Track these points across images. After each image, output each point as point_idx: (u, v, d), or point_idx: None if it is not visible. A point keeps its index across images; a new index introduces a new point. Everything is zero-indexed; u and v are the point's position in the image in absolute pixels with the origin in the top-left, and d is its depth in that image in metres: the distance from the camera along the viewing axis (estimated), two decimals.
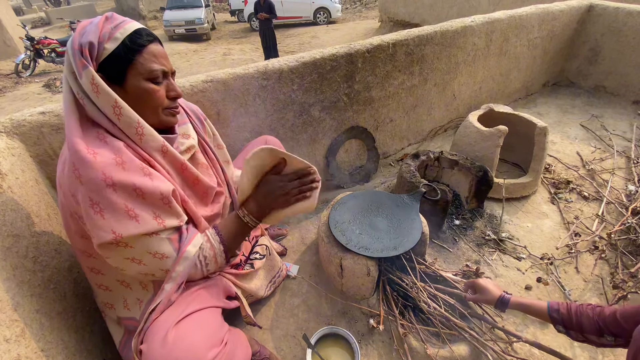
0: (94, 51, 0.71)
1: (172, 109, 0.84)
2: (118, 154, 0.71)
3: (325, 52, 1.61)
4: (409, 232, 1.29)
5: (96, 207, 0.69)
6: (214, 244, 0.88)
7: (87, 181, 0.68)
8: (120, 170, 0.70)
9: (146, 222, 0.73)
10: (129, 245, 0.73)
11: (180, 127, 0.93)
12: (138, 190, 0.72)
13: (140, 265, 0.77)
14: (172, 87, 0.82)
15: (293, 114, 1.64)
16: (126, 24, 0.75)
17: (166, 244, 0.78)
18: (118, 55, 0.73)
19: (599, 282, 1.38)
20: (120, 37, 0.73)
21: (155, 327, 0.73)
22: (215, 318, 0.83)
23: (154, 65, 0.77)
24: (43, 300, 0.85)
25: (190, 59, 8.68)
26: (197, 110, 1.06)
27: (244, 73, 1.40)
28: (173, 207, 0.78)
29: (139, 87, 0.76)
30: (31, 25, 12.63)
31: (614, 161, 2.03)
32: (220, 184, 1.03)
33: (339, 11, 12.07)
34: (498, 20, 2.24)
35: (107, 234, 0.69)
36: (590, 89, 2.94)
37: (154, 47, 0.78)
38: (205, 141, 1.01)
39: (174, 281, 0.80)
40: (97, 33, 0.71)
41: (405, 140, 2.29)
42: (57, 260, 0.98)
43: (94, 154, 0.69)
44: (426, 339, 1.18)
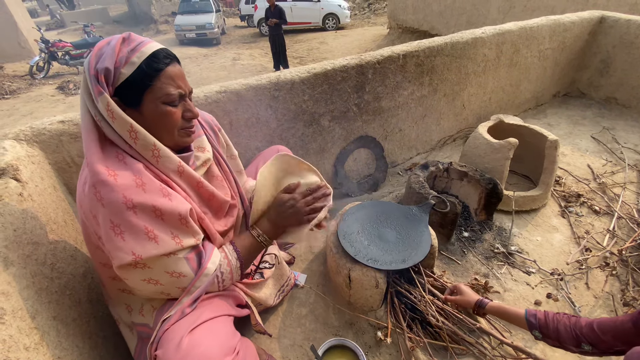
0: (110, 77, 0.71)
1: (187, 129, 0.84)
2: (138, 175, 0.73)
3: (336, 63, 1.63)
4: (418, 244, 1.29)
5: (117, 229, 0.71)
6: (231, 261, 0.89)
7: (108, 203, 0.69)
8: (141, 192, 0.72)
9: (165, 243, 0.75)
10: (147, 266, 0.75)
11: (195, 141, 0.94)
12: (157, 212, 0.73)
13: (157, 286, 0.79)
14: (189, 108, 0.82)
15: (303, 124, 1.66)
16: (144, 46, 0.74)
17: (183, 264, 0.79)
18: (135, 80, 0.73)
19: (609, 299, 1.37)
20: (137, 61, 0.73)
21: (171, 334, 0.75)
22: (228, 326, 0.84)
23: (171, 89, 0.76)
24: (60, 307, 0.88)
25: (200, 63, 8.81)
26: (212, 121, 1.06)
27: (256, 84, 1.42)
28: (190, 226, 0.79)
29: (155, 110, 0.76)
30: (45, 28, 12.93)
31: (625, 175, 2.01)
32: (234, 196, 1.04)
33: (348, 17, 12.16)
34: (509, 31, 2.24)
35: (127, 256, 0.71)
36: (602, 100, 2.92)
37: (171, 69, 0.77)
38: (220, 153, 1.02)
39: (190, 294, 0.81)
40: (114, 58, 0.71)
41: (413, 149, 2.29)
42: (72, 267, 1.00)
43: (114, 176, 0.70)
44: (434, 353, 1.17)
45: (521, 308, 1.00)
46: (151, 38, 0.81)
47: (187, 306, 0.80)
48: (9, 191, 0.87)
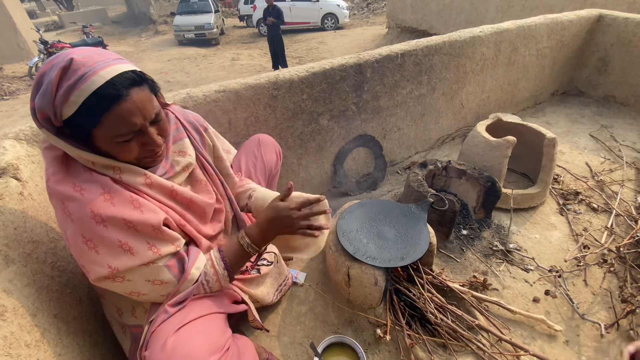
0: (50, 114, 0.66)
1: (150, 156, 0.79)
2: (106, 189, 0.71)
3: (334, 62, 1.63)
4: (416, 242, 1.30)
5: (90, 243, 0.69)
6: (218, 271, 0.86)
7: (77, 219, 0.68)
8: (109, 205, 0.70)
9: (141, 254, 0.73)
10: (126, 278, 0.74)
11: (175, 144, 0.91)
12: (129, 224, 0.72)
13: (139, 296, 0.78)
14: (149, 141, 0.75)
15: (302, 123, 1.67)
16: (86, 81, 0.64)
17: (164, 271, 0.78)
18: (78, 120, 0.66)
19: (607, 296, 1.37)
20: (78, 100, 0.64)
21: (157, 335, 0.74)
22: (217, 324, 0.82)
23: (122, 128, 0.69)
24: (60, 305, 0.88)
25: (199, 63, 8.81)
26: (197, 121, 1.01)
27: (255, 83, 1.43)
28: (166, 234, 0.77)
29: (107, 146, 0.71)
30: (44, 29, 12.93)
31: (623, 172, 2.02)
32: (220, 200, 1.01)
33: (347, 17, 12.17)
34: (507, 30, 2.25)
35: (102, 269, 0.70)
36: (600, 98, 2.92)
37: (123, 106, 0.67)
38: (204, 156, 0.98)
39: (173, 297, 0.80)
40: (51, 95, 0.64)
41: (412, 148, 2.30)
42: (73, 265, 1.01)
43: (80, 191, 0.69)
44: (433, 350, 1.18)
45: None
46: (150, 38, 0.78)
47: (171, 306, 0.79)
48: (10, 190, 0.87)
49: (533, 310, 1.34)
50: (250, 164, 1.28)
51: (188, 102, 1.29)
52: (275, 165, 1.36)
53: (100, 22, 15.60)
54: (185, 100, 1.29)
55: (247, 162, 1.28)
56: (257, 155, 1.29)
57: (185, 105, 1.28)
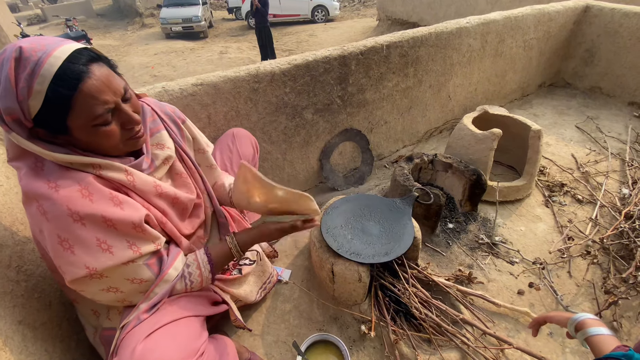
0: (18, 114, 0.61)
1: (132, 137, 0.76)
2: (84, 185, 0.67)
3: (317, 54, 1.59)
4: (400, 237, 1.28)
5: (65, 244, 0.66)
6: (203, 271, 0.85)
7: (53, 218, 0.65)
8: (88, 202, 0.67)
9: (121, 252, 0.71)
10: (105, 275, 0.71)
11: (153, 137, 0.88)
12: (109, 222, 0.69)
13: (117, 294, 0.75)
14: (127, 119, 0.72)
15: (286, 117, 1.63)
16: (42, 66, 0.59)
17: (144, 270, 0.76)
18: (48, 111, 0.62)
19: (591, 287, 1.38)
20: (42, 88, 0.60)
21: (127, 341, 0.71)
22: (191, 328, 0.80)
23: (96, 108, 0.65)
24: (26, 310, 0.84)
25: (187, 57, 8.64)
26: (174, 113, 0.98)
27: (234, 76, 1.38)
28: (147, 232, 0.75)
29: (88, 135, 0.68)
30: (27, 23, 12.55)
31: (608, 164, 2.03)
32: (200, 194, 0.99)
33: (337, 9, 12.04)
34: (493, 21, 2.23)
35: (80, 270, 0.67)
36: (586, 90, 2.93)
37: (90, 84, 0.63)
38: (183, 148, 0.96)
39: (148, 300, 0.78)
40: (13, 90, 0.59)
41: (400, 142, 2.28)
42: (42, 269, 0.97)
43: (55, 188, 0.65)
44: (417, 345, 1.17)
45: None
46: (136, 32, 0.73)
47: (143, 312, 0.76)
48: None
49: (518, 303, 1.34)
50: (225, 159, 1.25)
51: (164, 96, 1.24)
52: (252, 158, 1.33)
53: (84, 15, 15.16)
54: (160, 94, 1.24)
55: (222, 156, 1.25)
56: (232, 149, 1.26)
57: (161, 100, 1.24)
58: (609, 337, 0.71)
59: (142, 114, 0.89)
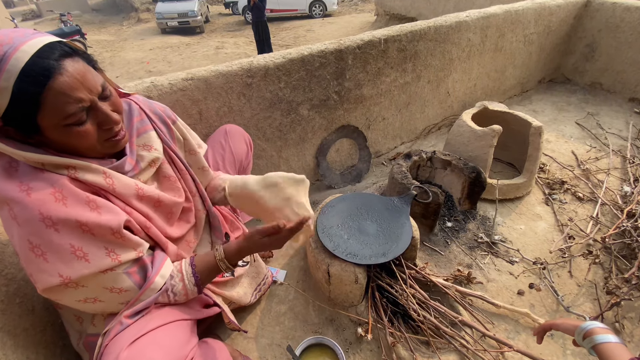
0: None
1: (111, 138, 0.71)
2: (58, 188, 0.63)
3: (313, 48, 1.54)
4: (398, 237, 1.25)
5: (37, 250, 0.62)
6: (187, 286, 0.81)
7: (24, 222, 0.60)
8: (61, 206, 0.62)
9: (97, 260, 0.66)
10: (81, 284, 0.67)
11: (140, 137, 0.83)
12: (84, 227, 0.64)
13: (96, 304, 0.71)
14: (104, 118, 0.67)
15: (280, 113, 1.58)
16: (8, 61, 0.55)
17: (124, 279, 0.71)
18: (15, 108, 0.58)
19: (592, 288, 1.35)
20: (7, 85, 0.55)
21: (110, 348, 0.67)
22: (179, 333, 0.76)
23: (68, 107, 0.60)
24: (6, 317, 0.80)
25: (183, 52, 8.54)
26: (164, 113, 0.93)
27: (227, 70, 1.33)
28: (127, 239, 0.71)
29: (60, 135, 0.63)
30: (21, 18, 12.37)
31: (609, 161, 2.00)
32: (190, 198, 0.95)
33: (335, 4, 11.93)
34: (494, 15, 2.18)
35: (53, 278, 0.63)
36: (587, 85, 2.90)
37: (60, 80, 0.59)
38: (173, 150, 0.91)
39: (131, 307, 0.74)
40: None
41: (398, 138, 2.23)
42: (24, 272, 0.93)
43: (27, 191, 0.61)
44: (415, 347, 1.14)
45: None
46: (132, 27, 0.69)
47: (127, 317, 0.72)
48: None
49: (517, 304, 1.31)
50: (218, 156, 1.20)
51: (152, 92, 1.19)
52: (245, 155, 1.28)
53: (79, 10, 14.99)
54: (149, 89, 1.19)
55: (214, 154, 1.20)
56: (224, 147, 1.21)
57: (150, 95, 1.19)
58: (619, 346, 0.68)
59: (129, 113, 0.84)
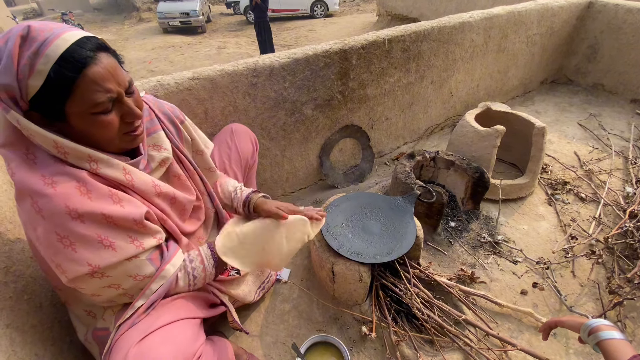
0: (15, 92, 0.58)
1: (130, 132, 0.73)
2: (82, 183, 0.65)
3: (318, 48, 1.55)
4: (402, 236, 1.25)
5: (66, 241, 0.63)
6: (206, 266, 0.84)
7: (49, 215, 0.62)
8: (86, 200, 0.64)
9: (124, 249, 0.69)
10: (106, 274, 0.69)
11: (149, 137, 0.85)
12: (109, 218, 0.66)
13: (118, 290, 0.73)
14: (128, 111, 0.70)
15: (285, 113, 1.59)
16: (48, 47, 0.58)
17: (147, 265, 0.74)
18: (47, 92, 0.59)
19: (595, 287, 1.36)
20: (45, 68, 0.58)
21: (120, 344, 0.69)
22: (187, 330, 0.78)
23: (98, 95, 0.63)
24: (15, 313, 0.81)
25: (184, 52, 8.55)
26: (172, 113, 0.95)
27: (232, 70, 1.34)
28: (148, 228, 0.74)
29: (85, 123, 0.65)
30: (22, 17, 12.39)
31: (611, 162, 2.01)
32: (199, 196, 0.97)
33: (337, 4, 11.93)
34: (497, 16, 2.19)
35: (82, 267, 0.65)
36: (589, 87, 2.90)
37: (94, 70, 0.62)
38: (181, 150, 0.93)
39: (145, 298, 0.75)
40: (13, 69, 0.57)
41: (401, 139, 2.24)
42: (33, 269, 0.93)
43: (52, 184, 0.62)
44: (419, 346, 1.15)
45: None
46: (133, 26, 0.71)
47: (141, 313, 0.74)
48: None
49: (521, 303, 1.32)
50: (224, 155, 1.21)
51: (159, 91, 1.20)
52: (251, 155, 1.29)
53: (81, 9, 15.01)
54: (155, 88, 1.20)
55: (220, 153, 1.21)
56: (230, 146, 1.22)
57: (156, 94, 1.19)
58: (623, 342, 0.68)
59: None
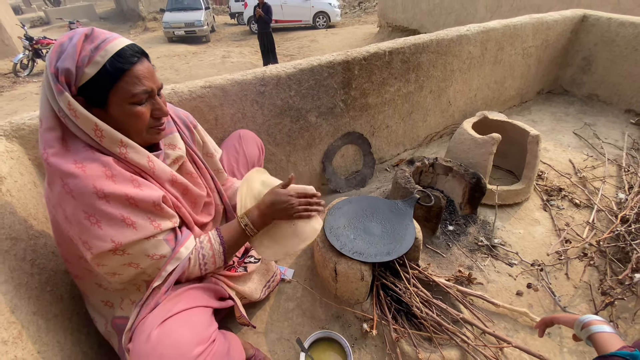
0: (71, 77, 0.69)
1: (156, 127, 0.83)
2: (107, 167, 0.73)
3: (322, 59, 1.63)
4: (402, 237, 1.31)
5: (92, 219, 0.71)
6: (214, 245, 0.91)
7: (79, 195, 0.69)
8: (111, 183, 0.72)
9: (143, 228, 0.76)
10: (126, 252, 0.75)
11: (166, 138, 0.93)
12: (131, 200, 0.74)
13: (137, 269, 0.79)
14: (158, 107, 0.81)
15: (290, 120, 1.67)
16: (108, 44, 0.71)
17: (163, 245, 0.81)
18: (99, 80, 0.71)
19: (588, 289, 1.41)
20: (101, 60, 0.70)
21: (142, 327, 0.75)
22: (202, 316, 0.84)
23: (138, 88, 0.75)
24: (40, 302, 0.87)
25: (189, 61, 8.70)
26: (187, 118, 1.05)
27: (242, 79, 1.42)
28: (165, 211, 0.81)
29: (122, 111, 0.75)
30: (30, 25, 12.63)
31: (605, 169, 2.07)
32: (210, 193, 1.04)
33: (338, 16, 12.16)
34: (493, 29, 2.28)
35: (106, 243, 0.72)
36: (584, 97, 2.99)
37: (138, 68, 0.75)
38: (194, 151, 1.02)
39: (162, 279, 0.82)
40: (75, 57, 0.69)
41: (401, 146, 2.31)
42: (54, 263, 0.99)
43: (82, 167, 0.70)
44: (418, 343, 1.20)
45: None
46: (139, 35, 0.81)
47: (161, 294, 0.81)
48: None
49: (516, 304, 1.37)
50: (232, 159, 1.29)
51: (173, 98, 1.28)
52: (257, 159, 1.38)
53: (87, 18, 15.30)
54: (170, 95, 1.27)
55: (228, 157, 1.29)
56: (238, 150, 1.31)
57: (171, 101, 1.27)
58: (613, 335, 0.73)
59: None
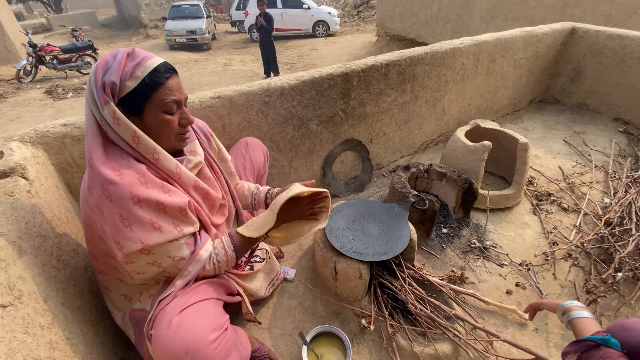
0: (115, 89, 0.79)
1: (182, 134, 0.94)
2: (141, 174, 0.82)
3: (323, 71, 1.74)
4: (398, 238, 1.40)
5: (125, 222, 0.80)
6: (227, 251, 1.00)
7: (117, 200, 0.78)
8: (144, 189, 0.81)
9: (168, 232, 0.85)
10: (152, 252, 0.85)
11: (187, 145, 1.03)
12: (160, 205, 0.83)
13: (159, 268, 0.89)
14: (185, 116, 0.92)
15: (292, 128, 1.76)
16: (147, 61, 0.83)
17: (184, 248, 0.90)
18: (138, 92, 0.81)
19: (573, 288, 1.50)
20: (141, 75, 0.81)
21: (162, 315, 0.83)
22: (216, 308, 0.93)
23: (169, 97, 0.85)
24: (66, 295, 0.95)
25: (191, 68, 8.84)
26: (204, 127, 1.16)
27: (248, 90, 1.52)
28: (189, 216, 0.90)
29: (155, 119, 0.85)
30: (32, 31, 12.79)
31: (592, 175, 2.17)
32: (224, 196, 1.14)
33: (338, 25, 12.38)
34: (485, 42, 2.39)
35: (136, 244, 0.81)
36: (574, 106, 3.10)
37: (171, 82, 0.86)
38: (211, 156, 1.12)
39: (183, 278, 0.91)
40: (120, 72, 0.79)
41: (397, 152, 2.41)
42: (75, 260, 1.07)
43: (120, 175, 0.79)
44: (413, 338, 1.28)
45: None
46: (140, 42, 0.90)
47: (179, 289, 0.89)
48: (19, 188, 0.94)
49: (506, 302, 1.45)
50: (239, 165, 1.39)
51: None
52: (263, 165, 1.48)
53: (89, 26, 15.50)
54: None
55: (236, 163, 1.40)
56: (245, 157, 1.42)
57: None
58: (591, 321, 0.81)
59: None
